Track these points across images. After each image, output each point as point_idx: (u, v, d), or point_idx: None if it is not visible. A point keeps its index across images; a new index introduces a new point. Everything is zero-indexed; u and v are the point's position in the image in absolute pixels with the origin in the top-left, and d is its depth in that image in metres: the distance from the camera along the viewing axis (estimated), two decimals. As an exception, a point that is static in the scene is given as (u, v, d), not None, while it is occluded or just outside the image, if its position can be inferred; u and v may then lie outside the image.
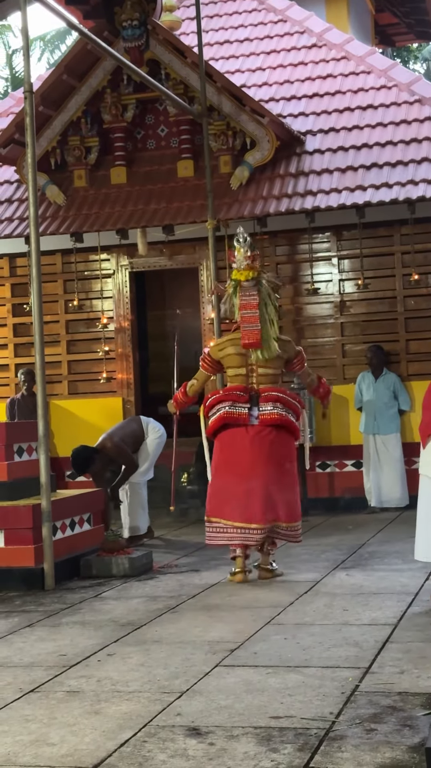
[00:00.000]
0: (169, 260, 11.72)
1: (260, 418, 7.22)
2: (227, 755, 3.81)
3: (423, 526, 6.35)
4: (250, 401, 7.29)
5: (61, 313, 11.98)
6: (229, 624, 5.92)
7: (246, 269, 7.34)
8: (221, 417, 7.28)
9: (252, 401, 7.29)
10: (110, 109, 11.44)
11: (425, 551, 6.31)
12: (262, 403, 7.25)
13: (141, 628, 5.97)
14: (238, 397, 7.26)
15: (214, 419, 7.34)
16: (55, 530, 7.63)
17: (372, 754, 3.73)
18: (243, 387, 7.33)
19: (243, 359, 7.35)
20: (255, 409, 7.26)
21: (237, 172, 10.99)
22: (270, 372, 7.37)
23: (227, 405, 7.28)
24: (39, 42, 26.39)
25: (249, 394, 7.31)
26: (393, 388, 10.79)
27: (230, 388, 7.39)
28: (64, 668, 5.16)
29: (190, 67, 11.01)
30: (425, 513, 6.35)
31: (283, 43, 12.87)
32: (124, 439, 9.22)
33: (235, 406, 7.26)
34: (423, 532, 6.34)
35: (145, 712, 4.39)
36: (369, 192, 10.52)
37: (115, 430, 9.38)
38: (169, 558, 8.41)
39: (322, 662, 5.01)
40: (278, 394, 7.27)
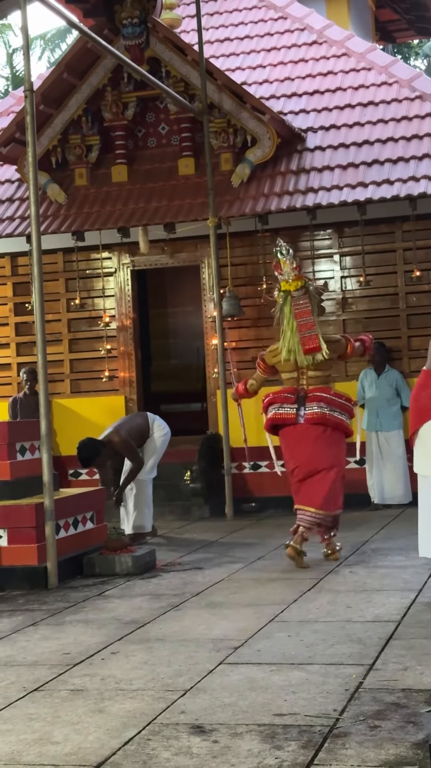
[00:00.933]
0: (171, 258, 11.72)
1: (305, 417, 7.73)
2: (231, 753, 3.81)
3: (425, 523, 6.36)
4: (298, 402, 7.78)
5: (62, 311, 11.98)
6: (233, 621, 5.92)
7: (295, 279, 7.80)
8: (271, 418, 7.87)
9: (299, 402, 7.78)
10: (111, 108, 11.44)
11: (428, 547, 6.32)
12: (308, 404, 7.75)
13: (144, 626, 5.97)
14: (286, 399, 7.81)
15: (266, 420, 7.94)
16: (58, 529, 7.63)
17: (376, 751, 3.73)
18: (293, 389, 7.85)
19: (294, 363, 7.83)
20: (302, 409, 7.75)
21: (239, 170, 10.99)
22: (320, 374, 7.87)
23: (277, 406, 7.83)
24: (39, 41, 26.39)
25: (298, 396, 7.81)
26: (395, 385, 10.78)
27: (281, 390, 7.92)
28: (68, 667, 5.17)
29: (191, 64, 11.00)
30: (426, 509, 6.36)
31: (284, 41, 12.85)
32: (131, 433, 9.21)
33: (283, 407, 7.79)
34: (426, 528, 6.35)
35: (149, 710, 4.39)
36: (370, 189, 10.51)
37: (121, 424, 9.37)
38: (173, 556, 8.41)
39: (326, 659, 5.01)
40: (322, 395, 7.76)
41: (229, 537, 9.38)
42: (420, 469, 6.47)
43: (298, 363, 7.79)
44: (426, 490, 6.43)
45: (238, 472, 11.02)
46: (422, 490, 6.50)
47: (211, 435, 11.28)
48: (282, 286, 7.84)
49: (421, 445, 6.42)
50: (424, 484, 6.46)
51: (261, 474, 11.12)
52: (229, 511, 10.55)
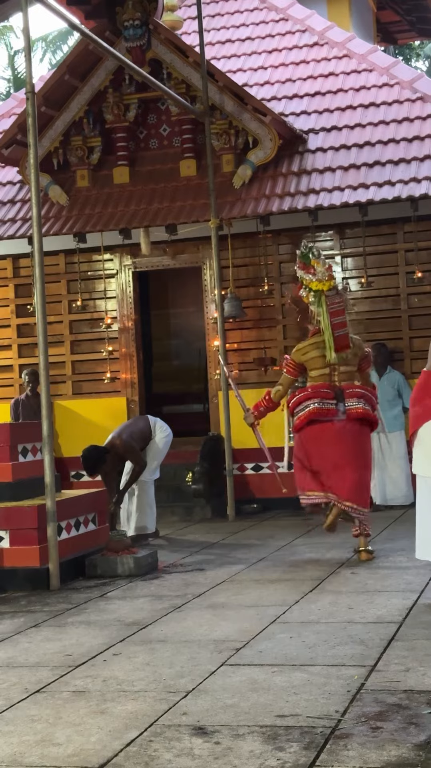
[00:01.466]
0: (172, 260, 11.72)
1: (347, 412, 7.89)
2: (233, 754, 3.81)
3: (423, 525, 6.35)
4: (336, 397, 7.92)
5: (64, 313, 11.99)
6: (235, 623, 5.92)
7: (329, 279, 7.96)
8: (311, 412, 7.88)
9: (337, 397, 7.92)
10: (112, 109, 11.45)
11: (425, 550, 6.32)
12: (348, 399, 7.91)
13: (146, 627, 5.97)
14: (326, 395, 7.90)
15: (304, 414, 7.91)
16: (60, 530, 7.64)
17: (378, 752, 3.73)
18: (328, 385, 7.95)
19: (326, 360, 7.96)
20: (341, 405, 7.91)
21: (240, 171, 10.99)
22: (351, 369, 8.06)
23: (316, 402, 7.88)
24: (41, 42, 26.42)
25: (335, 391, 7.94)
26: (397, 386, 10.78)
27: (316, 386, 7.95)
28: (70, 668, 5.17)
29: (192, 66, 11.01)
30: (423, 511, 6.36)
31: (285, 42, 12.86)
32: (133, 436, 9.25)
33: (324, 402, 7.87)
34: (422, 530, 6.35)
35: (151, 711, 4.39)
36: (371, 190, 10.52)
37: (123, 428, 9.41)
38: (174, 557, 8.41)
39: (328, 660, 5.01)
40: (362, 391, 7.98)
41: (231, 538, 9.38)
42: (419, 470, 6.45)
43: (329, 360, 7.92)
44: (424, 492, 6.42)
45: (240, 474, 11.02)
46: (421, 492, 6.49)
47: (213, 436, 11.28)
48: (314, 287, 7.94)
49: (420, 446, 6.41)
50: (423, 486, 6.45)
51: (262, 475, 11.12)
52: (231, 512, 10.55)
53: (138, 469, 9.20)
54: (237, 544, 9.00)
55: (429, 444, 6.31)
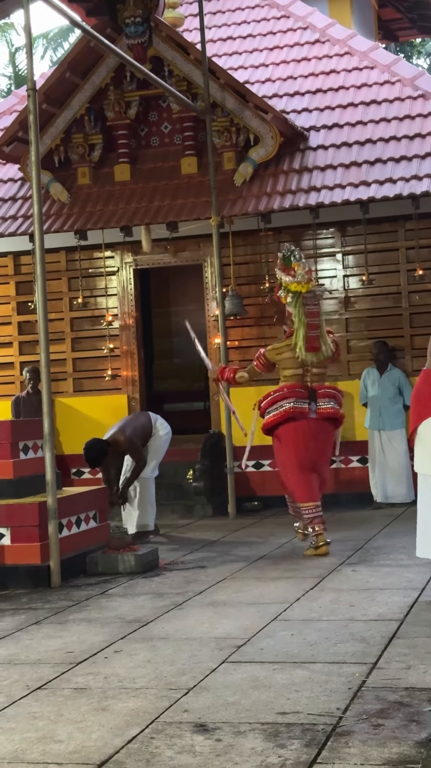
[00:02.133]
0: (173, 257, 11.72)
1: (318, 412, 8.23)
2: (234, 751, 3.81)
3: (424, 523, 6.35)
4: (309, 397, 8.24)
5: (65, 310, 11.99)
6: (236, 620, 5.93)
7: (308, 282, 8.28)
8: (287, 411, 8.18)
9: (310, 397, 8.24)
10: (113, 107, 11.44)
11: (426, 548, 6.32)
12: (320, 399, 8.24)
13: (147, 624, 5.97)
14: (300, 394, 8.22)
15: (279, 413, 8.21)
16: (61, 528, 7.64)
17: (379, 750, 3.73)
18: (301, 385, 8.26)
19: (299, 361, 8.26)
20: (314, 404, 8.23)
21: (241, 169, 10.99)
22: (323, 370, 8.42)
23: (292, 401, 8.18)
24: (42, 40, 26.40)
25: (308, 391, 8.25)
26: (398, 384, 10.78)
27: (291, 386, 8.25)
28: (71, 665, 5.17)
29: (193, 63, 11.00)
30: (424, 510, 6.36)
31: (286, 39, 12.85)
32: (135, 432, 9.24)
33: (299, 402, 8.19)
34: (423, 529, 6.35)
35: (152, 708, 4.39)
36: (373, 187, 10.51)
37: (126, 423, 9.39)
38: (175, 555, 8.41)
39: (329, 658, 5.01)
40: (333, 391, 8.37)
41: (232, 536, 9.39)
42: (421, 468, 6.45)
43: (303, 360, 8.24)
44: (425, 490, 6.42)
45: (241, 471, 11.02)
46: (422, 490, 6.49)
47: (214, 434, 11.28)
48: (293, 288, 8.24)
49: (421, 444, 6.41)
50: (424, 484, 6.45)
51: (263, 473, 11.13)
52: (232, 509, 10.56)
53: (139, 466, 9.19)
54: (238, 541, 9.00)
55: (429, 442, 6.32)
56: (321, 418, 8.22)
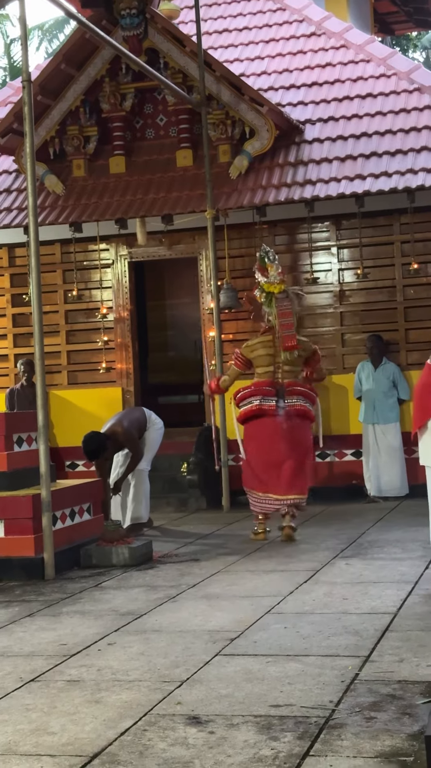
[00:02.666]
0: (168, 250, 11.70)
1: (286, 408, 8.48)
2: (227, 743, 3.82)
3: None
4: (277, 394, 8.52)
5: (60, 303, 11.97)
6: (229, 613, 5.93)
7: (279, 283, 8.60)
8: (251, 409, 8.54)
9: (278, 394, 8.52)
10: (109, 99, 11.41)
11: None
12: (288, 396, 8.51)
13: (141, 617, 5.98)
14: (267, 392, 8.52)
15: (246, 410, 8.60)
16: (55, 520, 7.64)
17: (371, 742, 3.74)
18: (270, 382, 8.55)
19: (271, 359, 8.58)
20: (282, 401, 8.50)
21: (237, 162, 10.97)
22: (294, 368, 8.64)
23: (258, 398, 8.52)
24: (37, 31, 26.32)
25: (276, 389, 8.53)
26: (392, 378, 10.78)
27: (259, 383, 8.59)
28: (65, 657, 5.18)
29: (189, 56, 10.98)
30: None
31: (282, 32, 12.83)
32: (132, 425, 9.25)
33: (265, 399, 8.50)
34: None
35: (146, 700, 4.40)
36: (368, 181, 10.50)
37: (122, 417, 9.39)
38: (169, 547, 8.42)
39: (322, 651, 5.02)
40: (301, 389, 8.58)
41: (226, 528, 9.39)
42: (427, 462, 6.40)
43: (276, 358, 8.53)
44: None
45: (235, 464, 11.02)
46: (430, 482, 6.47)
47: (208, 427, 11.28)
48: (266, 288, 8.60)
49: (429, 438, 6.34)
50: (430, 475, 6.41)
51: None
52: (226, 502, 10.56)
53: (136, 458, 9.20)
54: (232, 534, 9.01)
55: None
56: (289, 415, 8.48)
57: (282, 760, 3.62)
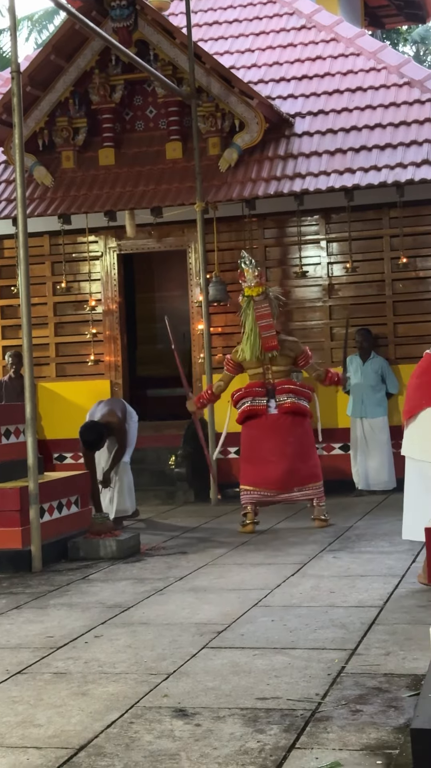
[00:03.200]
0: (158, 242, 11.69)
1: (278, 407, 8.68)
2: (213, 736, 3.83)
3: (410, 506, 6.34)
4: (267, 394, 8.73)
5: (48, 295, 11.95)
6: (217, 606, 5.94)
7: (257, 286, 8.76)
8: (244, 411, 8.76)
9: (269, 394, 8.73)
10: (98, 90, 11.38)
11: (411, 530, 6.31)
12: (278, 395, 8.70)
13: (128, 610, 5.98)
14: (257, 393, 8.75)
15: (241, 411, 8.81)
16: (43, 512, 7.63)
17: (357, 735, 3.75)
18: (261, 383, 8.77)
19: (259, 361, 8.77)
20: (273, 401, 8.71)
21: (226, 155, 10.96)
22: (283, 368, 8.82)
23: (249, 400, 8.74)
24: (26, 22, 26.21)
25: (266, 389, 8.75)
26: (380, 372, 10.80)
27: (250, 384, 8.82)
28: (51, 650, 5.17)
29: (179, 48, 10.95)
30: (410, 493, 6.35)
31: (272, 25, 12.81)
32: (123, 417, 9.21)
33: (256, 400, 8.72)
34: (410, 511, 6.34)
35: (132, 693, 4.40)
36: (357, 175, 10.50)
37: (113, 407, 9.26)
38: (157, 540, 8.42)
39: (309, 644, 5.03)
40: (290, 386, 8.75)
41: (214, 521, 9.40)
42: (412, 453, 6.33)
43: (261, 360, 8.73)
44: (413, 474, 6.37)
45: (223, 458, 11.03)
46: (409, 474, 6.41)
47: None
48: (245, 292, 8.78)
49: (417, 429, 6.28)
50: (412, 468, 6.36)
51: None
52: (214, 495, 10.57)
53: (122, 450, 9.16)
54: (220, 527, 9.02)
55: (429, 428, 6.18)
56: (281, 413, 8.66)
57: (268, 753, 3.63)
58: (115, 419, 9.04)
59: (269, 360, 8.75)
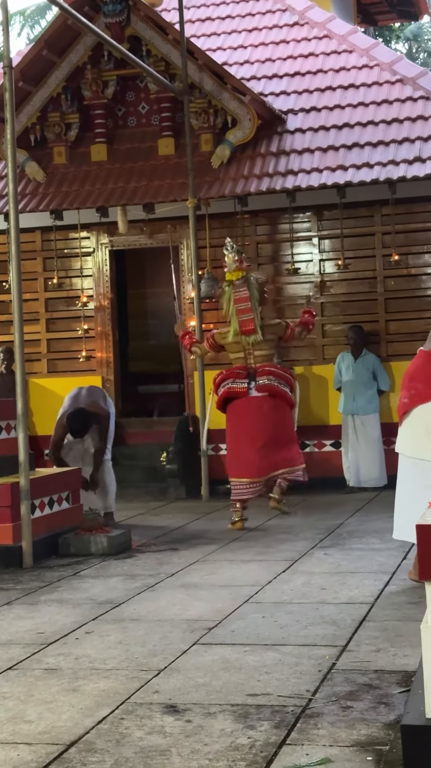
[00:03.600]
0: (149, 239, 11.68)
1: (256, 388, 8.70)
2: (204, 732, 3.83)
3: (401, 505, 6.33)
4: (248, 377, 8.75)
5: (40, 291, 11.92)
6: (207, 602, 5.94)
7: (236, 270, 8.78)
8: (225, 392, 8.79)
9: (250, 377, 8.75)
10: (90, 86, 11.36)
11: (402, 530, 6.31)
12: (258, 377, 8.73)
13: (119, 606, 5.98)
14: (238, 375, 8.78)
15: (221, 393, 8.84)
16: (34, 508, 7.62)
17: (347, 731, 3.76)
18: (242, 366, 8.79)
19: (241, 345, 8.79)
20: (253, 383, 8.73)
21: (219, 151, 10.95)
22: (265, 352, 8.82)
23: (230, 382, 8.78)
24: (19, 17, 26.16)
25: (248, 372, 8.76)
26: (372, 369, 10.81)
27: (233, 368, 8.83)
28: (42, 646, 5.17)
29: (172, 44, 10.94)
30: (402, 492, 6.34)
31: (265, 21, 12.80)
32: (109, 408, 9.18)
33: (236, 382, 8.75)
34: (401, 510, 6.33)
35: (123, 689, 4.40)
36: (350, 172, 10.51)
37: (96, 397, 9.16)
38: (148, 537, 8.42)
39: (299, 640, 5.03)
40: (271, 369, 8.77)
41: (205, 518, 9.40)
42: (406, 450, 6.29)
43: (243, 345, 8.74)
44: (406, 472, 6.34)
45: (214, 454, 11.03)
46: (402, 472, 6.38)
47: (188, 416, 11.27)
48: (226, 277, 8.84)
49: (411, 426, 6.26)
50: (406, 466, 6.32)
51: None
52: (205, 492, 10.57)
53: (102, 446, 9.00)
54: (211, 524, 9.02)
55: (423, 426, 6.16)
56: (262, 395, 8.67)
57: (258, 749, 3.63)
58: (101, 410, 8.97)
59: (251, 345, 8.75)
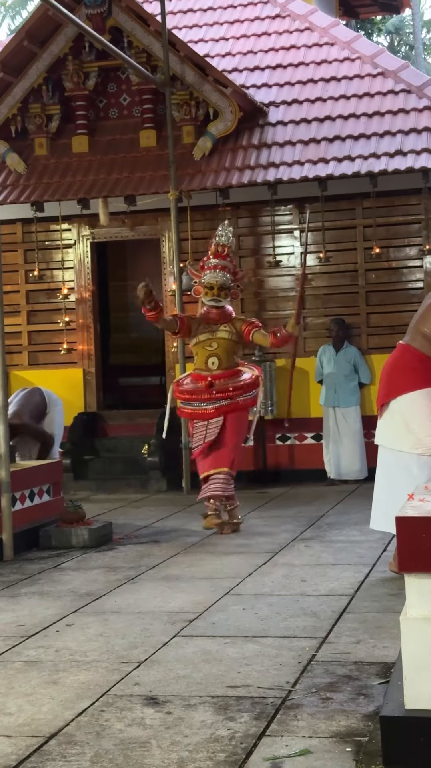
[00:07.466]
0: (131, 231, 11.65)
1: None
2: (184, 724, 3.84)
3: (379, 496, 6.36)
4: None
5: (21, 283, 11.88)
6: (188, 594, 5.95)
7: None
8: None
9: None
10: (72, 77, 11.31)
11: (380, 520, 6.33)
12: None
13: (100, 598, 5.98)
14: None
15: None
16: (14, 501, 7.61)
17: (327, 723, 3.78)
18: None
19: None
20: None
21: (200, 143, 10.93)
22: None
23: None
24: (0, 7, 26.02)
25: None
26: (353, 362, 10.83)
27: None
28: (23, 638, 5.16)
29: (153, 35, 10.90)
30: (381, 483, 6.36)
31: (247, 13, 12.78)
32: (32, 415, 9.00)
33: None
34: (379, 501, 6.36)
35: (103, 681, 4.40)
36: (331, 165, 10.51)
37: (21, 407, 9.02)
38: (129, 529, 8.42)
39: (280, 632, 5.05)
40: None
41: (186, 510, 9.41)
42: (385, 442, 6.32)
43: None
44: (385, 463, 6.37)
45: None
46: (382, 463, 6.40)
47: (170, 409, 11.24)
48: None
49: (390, 418, 6.28)
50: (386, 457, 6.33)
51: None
52: (186, 485, 10.57)
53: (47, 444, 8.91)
54: (192, 516, 9.02)
55: (400, 418, 6.18)
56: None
57: (238, 741, 3.65)
58: (17, 421, 8.72)
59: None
